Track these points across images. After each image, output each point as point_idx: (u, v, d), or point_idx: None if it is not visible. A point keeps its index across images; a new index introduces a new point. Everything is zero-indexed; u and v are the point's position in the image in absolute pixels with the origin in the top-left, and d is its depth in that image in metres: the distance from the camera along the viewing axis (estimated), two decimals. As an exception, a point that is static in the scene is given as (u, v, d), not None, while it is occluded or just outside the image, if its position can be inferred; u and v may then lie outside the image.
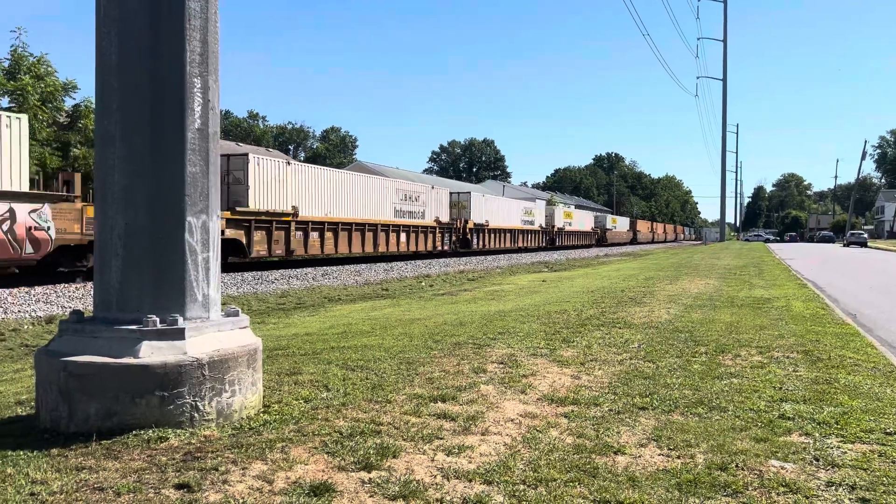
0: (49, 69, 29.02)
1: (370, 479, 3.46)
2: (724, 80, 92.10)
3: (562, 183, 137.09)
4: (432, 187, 36.69)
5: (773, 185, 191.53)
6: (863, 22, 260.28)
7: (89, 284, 15.52)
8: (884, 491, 3.42)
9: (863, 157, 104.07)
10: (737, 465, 3.72)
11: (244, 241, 22.34)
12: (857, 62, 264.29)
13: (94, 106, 4.69)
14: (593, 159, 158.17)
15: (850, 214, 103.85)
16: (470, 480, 3.48)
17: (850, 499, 3.34)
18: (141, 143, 4.36)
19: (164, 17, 4.39)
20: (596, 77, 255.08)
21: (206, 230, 4.54)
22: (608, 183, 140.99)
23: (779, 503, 3.27)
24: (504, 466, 3.66)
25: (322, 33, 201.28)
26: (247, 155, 23.11)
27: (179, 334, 4.21)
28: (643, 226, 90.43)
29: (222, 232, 21.55)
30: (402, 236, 32.18)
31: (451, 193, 38.50)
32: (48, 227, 15.79)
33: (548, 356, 6.69)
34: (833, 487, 3.47)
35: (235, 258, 22.89)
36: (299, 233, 25.03)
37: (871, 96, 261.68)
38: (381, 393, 5.10)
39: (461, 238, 38.50)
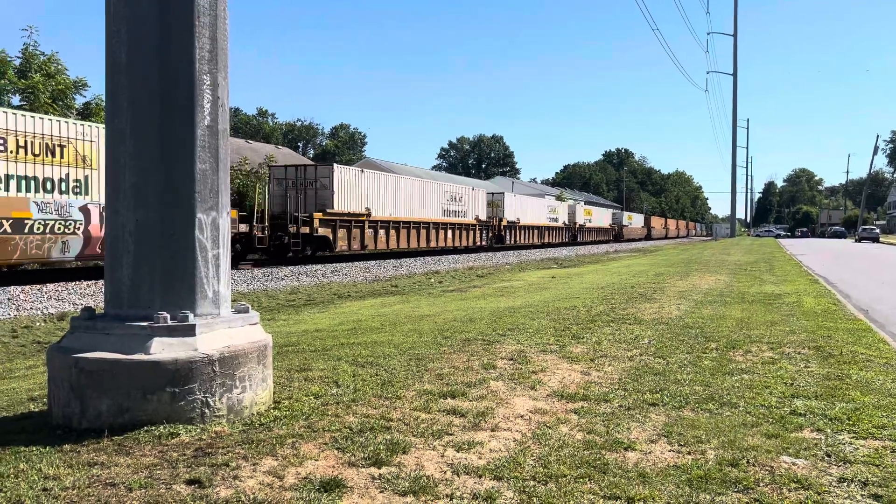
0: (60, 67, 29.15)
1: (380, 474, 3.47)
2: (735, 74, 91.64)
3: (571, 179, 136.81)
4: (472, 189, 39.89)
5: (784, 181, 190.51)
6: (874, 16, 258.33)
7: (101, 281, 15.60)
8: (896, 487, 3.39)
9: (875, 152, 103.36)
10: (748, 461, 3.71)
11: (331, 237, 25.98)
12: (869, 57, 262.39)
13: (104, 104, 4.71)
14: (603, 155, 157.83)
15: (861, 209, 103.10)
16: (480, 476, 3.48)
17: (862, 495, 3.33)
18: (151, 141, 4.37)
19: (174, 15, 4.40)
20: (605, 72, 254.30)
21: (217, 227, 4.55)
22: (618, 179, 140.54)
23: (790, 499, 3.25)
24: (514, 462, 3.66)
25: (331, 31, 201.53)
26: (332, 165, 27.67)
27: (190, 331, 4.22)
28: (657, 222, 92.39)
29: (315, 230, 25.18)
30: (449, 233, 35.93)
31: (487, 193, 41.51)
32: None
33: (557, 352, 6.68)
34: (845, 483, 3.45)
35: (323, 252, 26.63)
36: (370, 230, 28.68)
37: (883, 91, 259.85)
38: (391, 389, 5.11)
39: (497, 234, 41.56)
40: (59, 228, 15.93)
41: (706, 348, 6.94)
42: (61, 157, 15.97)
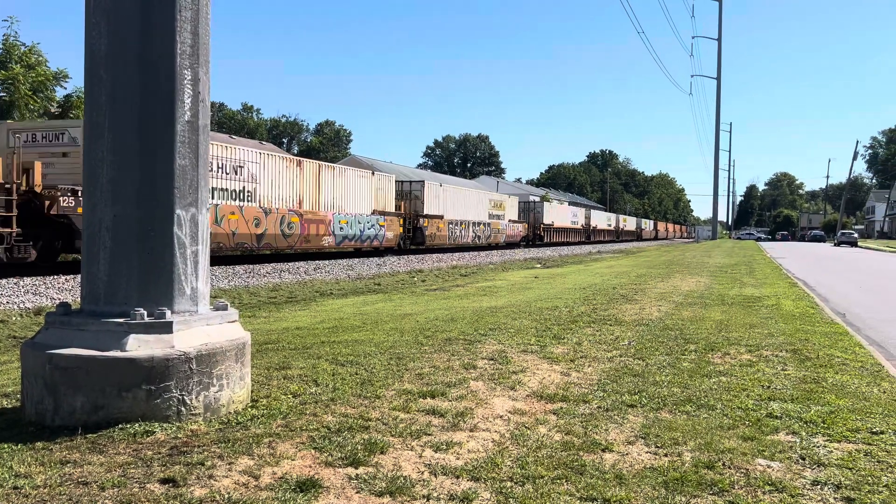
0: (40, 58, 28.83)
1: (357, 474, 3.45)
2: (718, 78, 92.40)
3: (556, 179, 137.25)
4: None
5: (766, 184, 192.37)
6: (855, 23, 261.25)
7: (79, 277, 15.45)
8: (869, 490, 3.43)
9: (854, 158, 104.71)
10: (724, 464, 3.73)
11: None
12: (851, 62, 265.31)
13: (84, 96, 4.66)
14: (587, 156, 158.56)
15: (840, 214, 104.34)
16: (457, 477, 3.47)
17: (835, 498, 3.35)
18: (130, 136, 4.32)
19: (155, 8, 4.35)
20: (591, 74, 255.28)
21: (196, 223, 4.51)
22: (602, 180, 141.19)
23: (764, 502, 3.28)
24: (492, 463, 3.66)
25: (317, 27, 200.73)
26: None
27: (167, 328, 4.18)
28: (646, 223, 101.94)
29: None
30: (568, 234, 50.23)
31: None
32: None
33: (538, 353, 6.70)
34: (819, 486, 3.48)
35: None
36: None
37: (863, 97, 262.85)
38: (371, 388, 5.09)
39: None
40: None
41: (685, 350, 6.98)
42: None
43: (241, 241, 22.04)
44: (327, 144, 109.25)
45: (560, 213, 59.57)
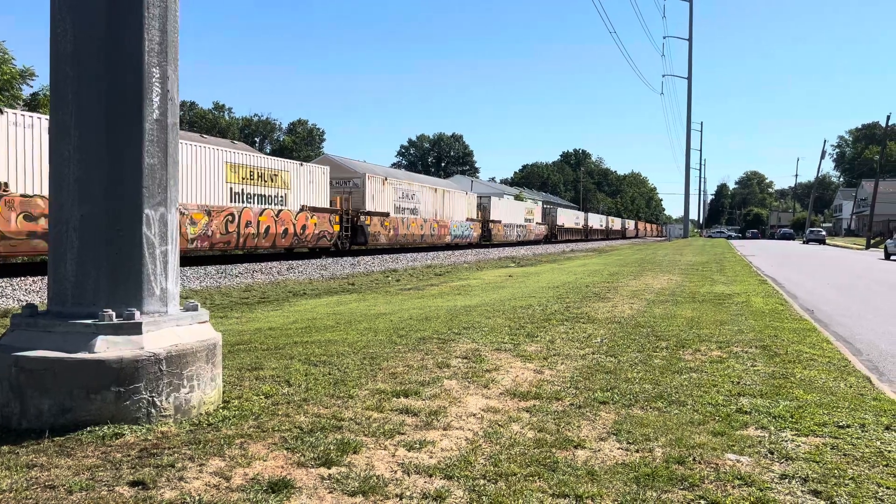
0: (6, 56, 28.30)
1: (330, 474, 3.44)
2: (689, 78, 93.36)
3: (530, 179, 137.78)
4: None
5: (736, 183, 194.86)
6: (823, 25, 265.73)
7: (46, 278, 15.18)
8: (835, 483, 3.49)
9: (822, 157, 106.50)
10: (694, 459, 3.77)
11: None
12: (818, 64, 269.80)
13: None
14: (560, 156, 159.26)
15: (809, 212, 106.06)
16: (430, 475, 3.47)
17: (802, 491, 3.41)
18: (97, 134, 4.26)
19: (123, 5, 4.29)
20: (564, 74, 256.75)
21: (165, 223, 4.46)
22: (575, 179, 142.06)
23: (734, 496, 3.32)
24: (465, 461, 3.66)
25: (291, 25, 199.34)
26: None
27: (136, 329, 4.13)
28: (629, 223, 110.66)
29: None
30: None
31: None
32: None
33: (512, 351, 6.72)
34: (786, 480, 3.54)
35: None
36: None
37: (831, 96, 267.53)
38: (344, 388, 5.07)
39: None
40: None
41: (657, 347, 7.05)
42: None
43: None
44: (300, 143, 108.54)
45: (570, 217, 65.05)
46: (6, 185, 15.70)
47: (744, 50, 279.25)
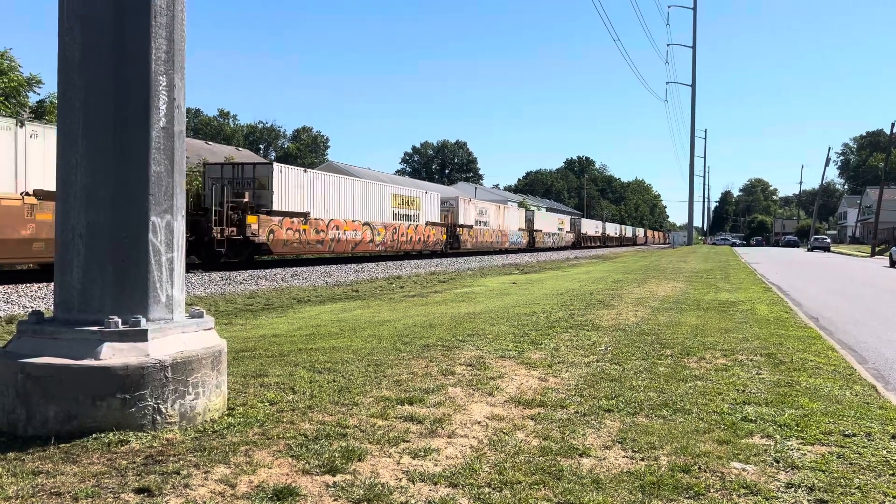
0: (13, 64, 28.41)
1: (335, 482, 3.44)
2: (693, 85, 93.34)
3: (533, 186, 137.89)
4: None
5: (740, 190, 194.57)
6: (827, 31, 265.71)
7: (52, 284, 15.25)
8: (841, 492, 3.48)
9: (826, 164, 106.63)
10: (699, 467, 3.76)
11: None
12: (823, 71, 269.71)
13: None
14: (564, 163, 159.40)
15: (814, 219, 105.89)
16: (435, 483, 3.47)
17: (808, 500, 3.40)
18: (104, 142, 4.28)
19: (130, 14, 4.32)
20: (568, 81, 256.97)
21: (171, 230, 4.48)
22: (579, 186, 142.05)
23: (739, 505, 3.31)
24: (469, 469, 3.66)
25: (295, 32, 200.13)
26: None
27: (142, 336, 4.14)
28: (640, 231, 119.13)
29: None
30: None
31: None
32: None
33: (516, 358, 6.72)
34: (792, 489, 3.53)
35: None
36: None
37: (835, 104, 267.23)
38: (348, 395, 5.07)
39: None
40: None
41: (661, 355, 7.04)
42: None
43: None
44: (304, 150, 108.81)
45: (592, 226, 70.28)
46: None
47: (747, 56, 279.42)
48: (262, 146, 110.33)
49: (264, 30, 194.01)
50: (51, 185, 14.78)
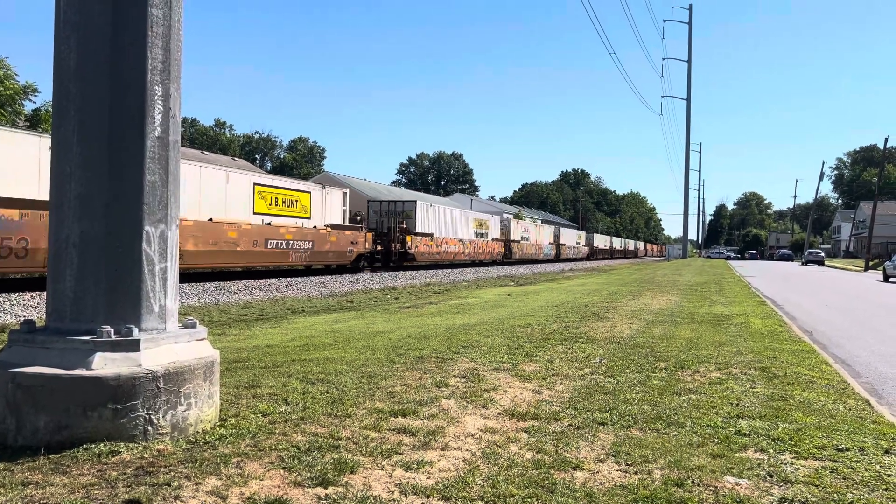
0: (9, 72, 28.42)
1: (326, 494, 3.41)
2: (689, 99, 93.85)
3: (529, 197, 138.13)
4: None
5: (735, 204, 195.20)
6: (822, 47, 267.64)
7: (44, 294, 15.17)
8: (835, 507, 3.47)
9: (821, 178, 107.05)
10: (693, 481, 3.75)
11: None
12: (817, 86, 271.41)
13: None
14: (560, 175, 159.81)
15: (808, 233, 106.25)
16: (427, 496, 3.45)
17: (802, 515, 3.39)
18: (99, 151, 4.27)
19: (127, 24, 4.33)
20: (563, 93, 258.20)
21: (165, 240, 4.46)
22: (574, 198, 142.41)
23: (733, 519, 3.30)
24: (462, 482, 3.64)
25: (291, 44, 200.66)
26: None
27: (134, 346, 4.12)
28: (640, 244, 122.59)
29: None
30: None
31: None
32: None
33: (510, 371, 6.70)
34: (786, 503, 3.51)
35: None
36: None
37: (829, 119, 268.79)
38: (341, 407, 5.05)
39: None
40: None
41: (656, 368, 7.03)
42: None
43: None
44: (300, 161, 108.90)
45: (603, 239, 77.48)
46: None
47: (742, 71, 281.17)
48: (258, 156, 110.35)
49: (260, 40, 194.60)
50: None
